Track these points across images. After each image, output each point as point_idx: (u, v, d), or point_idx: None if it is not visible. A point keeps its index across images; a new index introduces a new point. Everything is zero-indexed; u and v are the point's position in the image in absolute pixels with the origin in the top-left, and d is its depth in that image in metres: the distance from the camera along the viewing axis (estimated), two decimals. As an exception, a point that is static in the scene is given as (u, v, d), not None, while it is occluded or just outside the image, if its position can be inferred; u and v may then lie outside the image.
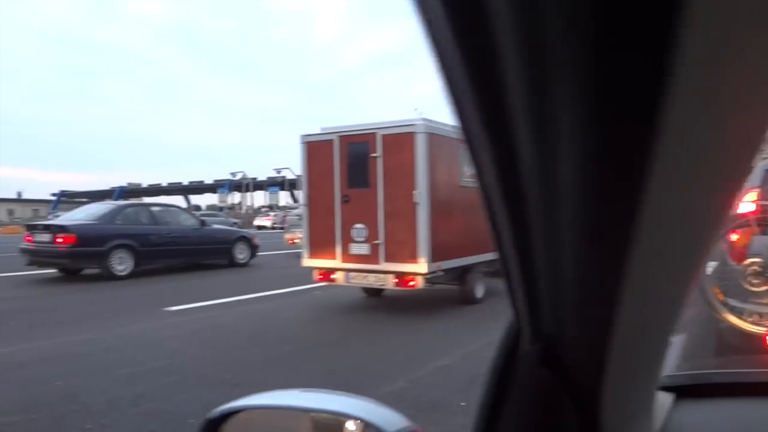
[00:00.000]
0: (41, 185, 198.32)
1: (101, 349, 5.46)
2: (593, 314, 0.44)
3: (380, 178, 7.22)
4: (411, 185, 6.96)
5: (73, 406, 3.85)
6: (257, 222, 42.15)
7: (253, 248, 14.48)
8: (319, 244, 7.73)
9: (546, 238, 0.41)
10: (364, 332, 6.27)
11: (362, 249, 7.34)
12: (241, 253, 14.04)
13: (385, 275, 7.27)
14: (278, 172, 57.65)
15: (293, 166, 55.80)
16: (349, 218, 7.45)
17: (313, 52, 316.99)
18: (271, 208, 59.39)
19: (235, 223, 28.75)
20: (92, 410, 3.76)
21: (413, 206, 6.95)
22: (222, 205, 58.39)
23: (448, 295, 8.89)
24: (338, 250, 7.52)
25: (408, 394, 4.10)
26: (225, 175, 62.00)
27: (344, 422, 0.97)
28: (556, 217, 0.38)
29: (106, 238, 11.22)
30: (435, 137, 7.17)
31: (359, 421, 0.86)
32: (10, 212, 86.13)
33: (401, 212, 7.06)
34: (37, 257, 11.35)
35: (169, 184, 75.68)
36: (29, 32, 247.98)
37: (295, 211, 21.93)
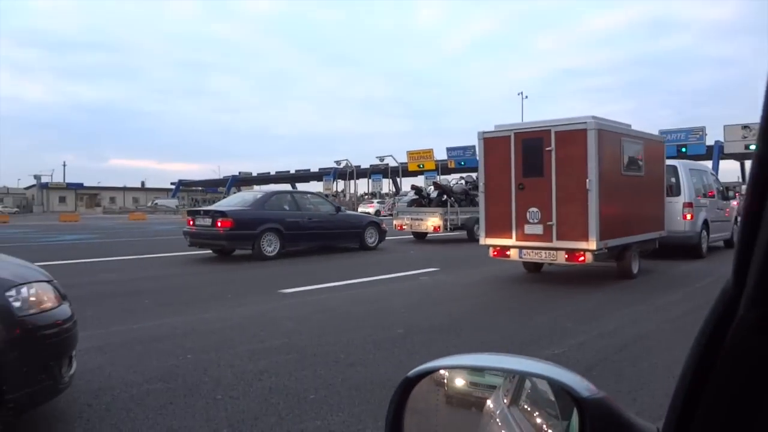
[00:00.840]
0: (160, 175, 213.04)
1: (225, 326, 5.82)
2: None
3: (553, 169, 8.20)
4: (582, 174, 7.91)
5: (203, 377, 4.14)
6: (361, 209, 42.97)
7: (382, 233, 15.24)
8: (495, 225, 8.85)
9: None
10: (473, 318, 6.27)
11: (536, 229, 8.38)
12: (370, 237, 14.83)
13: (556, 251, 8.31)
14: (381, 159, 58.27)
15: (395, 153, 56.25)
16: (523, 203, 8.50)
17: (415, 40, 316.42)
18: (374, 195, 60.23)
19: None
20: (221, 383, 4.03)
21: (585, 192, 7.90)
22: (327, 192, 59.99)
23: (565, 275, 8.72)
24: (513, 230, 8.60)
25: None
26: (330, 164, 63.56)
27: (536, 383, 0.99)
28: None
29: (258, 223, 12.28)
30: (603, 132, 8.12)
31: (551, 383, 0.88)
32: (135, 200, 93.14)
33: (573, 197, 8.04)
34: (197, 239, 12.60)
35: (277, 172, 78.70)
36: (155, 32, 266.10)
37: (405, 198, 22.20)
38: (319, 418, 3.41)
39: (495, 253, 8.94)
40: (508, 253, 8.78)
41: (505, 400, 1.16)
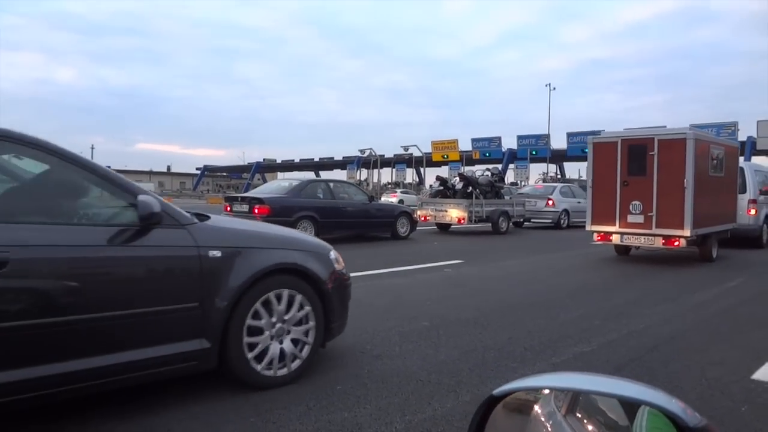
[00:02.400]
0: (186, 160, 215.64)
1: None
2: None
3: (655, 169, 9.99)
4: (680, 174, 9.73)
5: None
6: (383, 199, 42.92)
7: (413, 223, 15.46)
8: (601, 215, 10.64)
9: None
10: (499, 312, 6.20)
11: (638, 219, 10.19)
12: (402, 227, 15.04)
13: (654, 237, 10.12)
14: (405, 149, 58.08)
15: (420, 143, 56.01)
16: (627, 197, 10.29)
17: (442, 30, 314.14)
18: (397, 184, 60.06)
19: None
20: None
21: (682, 189, 9.70)
22: (350, 181, 60.06)
23: (597, 269, 8.61)
24: (617, 219, 10.41)
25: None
26: (354, 152, 63.54)
27: (637, 408, 0.95)
28: None
29: (294, 210, 12.48)
30: (698, 141, 9.98)
31: (655, 409, 0.84)
32: (161, 184, 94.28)
33: (671, 193, 9.81)
34: None
35: (301, 160, 79.05)
36: (184, 18, 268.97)
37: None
38: (346, 409, 3.39)
39: (599, 238, 10.77)
40: (611, 237, 10.60)
41: (560, 410, 1.12)
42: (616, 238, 10.55)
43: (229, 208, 12.97)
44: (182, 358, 3.31)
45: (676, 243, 9.87)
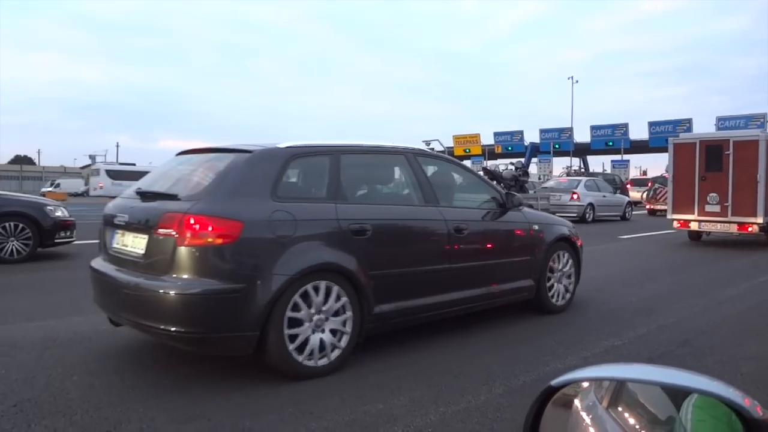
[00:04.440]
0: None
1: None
2: None
3: (730, 166, 11.76)
4: (753, 170, 11.50)
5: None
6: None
7: None
8: (681, 205, 12.49)
9: None
10: (527, 306, 6.19)
11: (714, 208, 11.98)
12: None
13: (729, 224, 11.88)
14: (427, 144, 57.87)
15: (440, 137, 55.76)
16: (705, 190, 12.08)
17: (460, 23, 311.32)
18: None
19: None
20: (282, 362, 4.07)
21: (755, 183, 11.48)
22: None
23: (627, 261, 8.52)
24: (696, 208, 12.22)
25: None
26: (375, 147, 63.41)
27: (682, 400, 0.95)
28: None
29: None
30: None
31: (715, 399, 0.85)
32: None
33: (745, 186, 11.58)
34: None
35: (323, 155, 79.05)
36: (197, 15, 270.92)
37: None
38: (380, 400, 3.44)
39: (679, 224, 12.62)
40: (690, 224, 12.42)
41: (601, 402, 1.13)
42: (694, 225, 12.37)
43: None
44: (523, 291, 5.43)
45: (750, 229, 11.61)
